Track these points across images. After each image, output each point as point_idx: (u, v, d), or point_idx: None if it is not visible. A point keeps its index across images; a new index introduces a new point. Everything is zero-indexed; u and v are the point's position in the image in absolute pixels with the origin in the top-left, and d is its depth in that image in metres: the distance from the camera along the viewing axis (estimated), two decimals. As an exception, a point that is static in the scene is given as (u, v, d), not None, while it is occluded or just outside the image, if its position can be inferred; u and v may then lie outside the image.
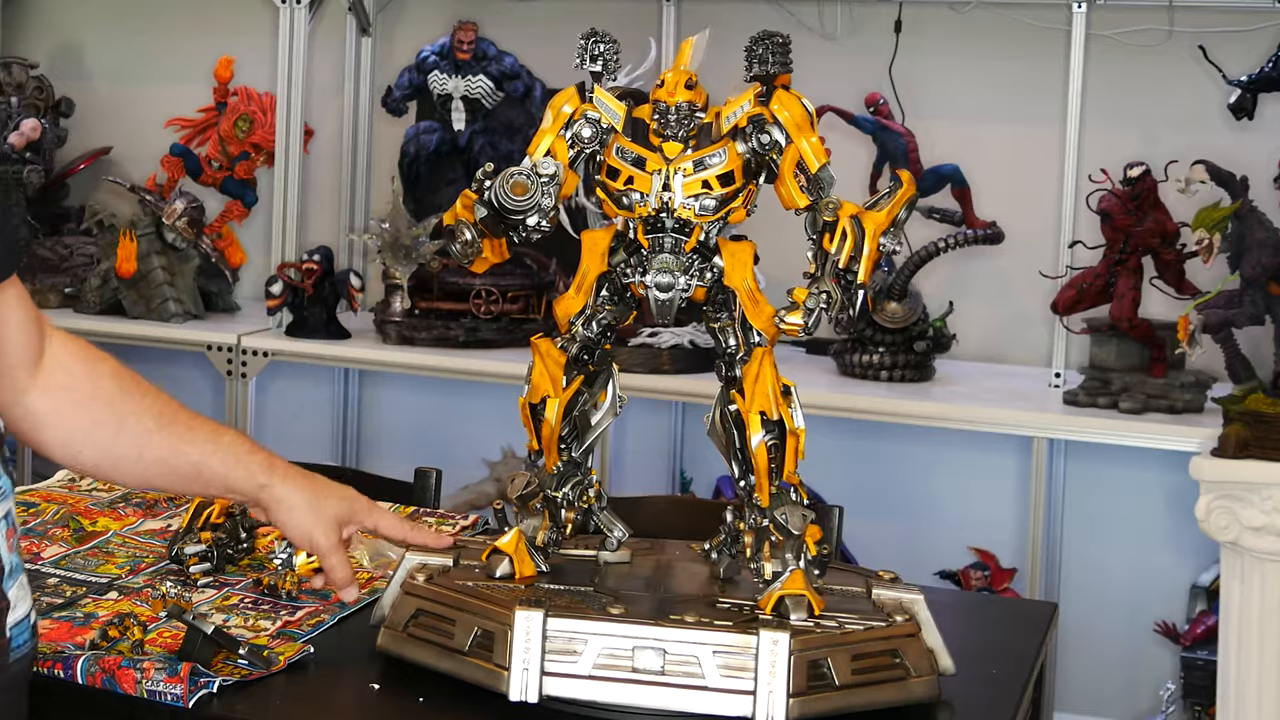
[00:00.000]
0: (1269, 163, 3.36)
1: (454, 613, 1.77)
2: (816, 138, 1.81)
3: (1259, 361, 3.23)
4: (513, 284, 3.79)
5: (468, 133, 3.86)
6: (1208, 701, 3.25)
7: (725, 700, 1.66)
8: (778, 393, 1.76)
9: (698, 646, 1.67)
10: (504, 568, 1.83)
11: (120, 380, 1.75)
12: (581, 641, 1.69)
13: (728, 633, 1.68)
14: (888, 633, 1.74)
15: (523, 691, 1.68)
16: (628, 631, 1.69)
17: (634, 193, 1.81)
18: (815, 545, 1.78)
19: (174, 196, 4.03)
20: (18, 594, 1.52)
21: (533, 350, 1.85)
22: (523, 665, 1.68)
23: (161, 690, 1.70)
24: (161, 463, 1.77)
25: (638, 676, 1.68)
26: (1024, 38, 3.71)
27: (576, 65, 1.89)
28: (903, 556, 3.61)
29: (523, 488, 1.87)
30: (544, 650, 1.68)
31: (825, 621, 1.72)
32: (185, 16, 4.46)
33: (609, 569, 1.91)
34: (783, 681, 1.65)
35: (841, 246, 1.75)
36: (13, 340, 1.62)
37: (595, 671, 1.68)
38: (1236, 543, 2.94)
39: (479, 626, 1.73)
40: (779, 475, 1.77)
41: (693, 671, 1.67)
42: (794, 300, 1.75)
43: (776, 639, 1.65)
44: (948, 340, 3.61)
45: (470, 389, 3.96)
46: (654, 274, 1.82)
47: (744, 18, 3.72)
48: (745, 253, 1.82)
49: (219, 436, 1.83)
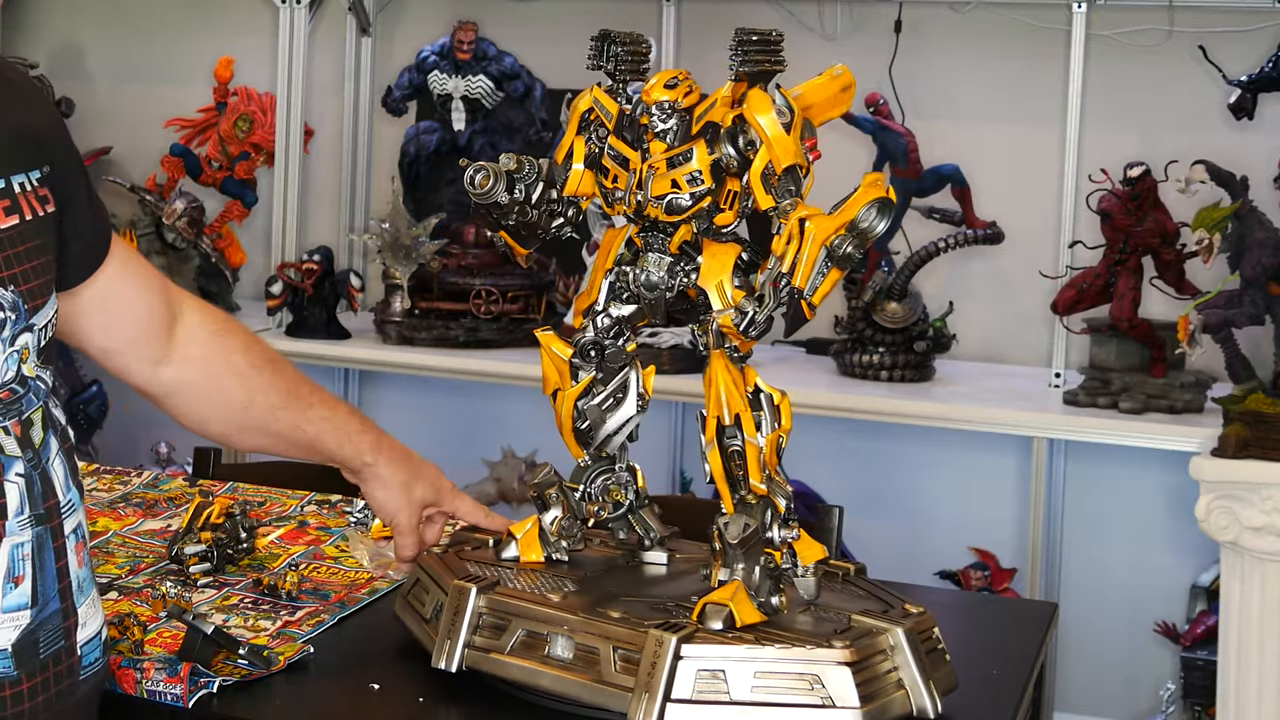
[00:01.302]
0: (1269, 163, 3.36)
1: (430, 583, 1.85)
2: (794, 136, 1.77)
3: (1259, 361, 3.23)
4: (513, 284, 3.79)
5: (468, 133, 3.86)
6: (1208, 701, 3.25)
7: (616, 696, 1.65)
8: (735, 397, 1.74)
9: (601, 640, 1.67)
10: (510, 550, 1.89)
11: (251, 355, 1.87)
12: (506, 621, 1.73)
13: (629, 629, 1.66)
14: (808, 655, 1.64)
15: (443, 660, 1.73)
16: (548, 616, 1.71)
17: (618, 191, 1.82)
18: (781, 557, 1.73)
19: (174, 196, 4.03)
20: (88, 610, 1.51)
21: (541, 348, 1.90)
22: (447, 635, 1.74)
23: (161, 690, 1.70)
24: (281, 437, 1.90)
25: (549, 662, 1.70)
26: (1024, 38, 3.71)
27: (589, 65, 1.90)
28: (903, 556, 3.61)
29: (539, 476, 1.92)
30: (474, 626, 1.73)
31: (745, 634, 1.66)
32: (185, 16, 4.46)
33: (640, 568, 1.91)
34: (661, 683, 1.61)
35: (786, 250, 1.69)
36: (134, 314, 1.74)
37: (513, 651, 1.72)
38: (1236, 543, 2.94)
39: (439, 599, 1.80)
40: (745, 485, 1.75)
41: (595, 662, 1.67)
42: (732, 301, 1.73)
43: (661, 639, 1.63)
44: (948, 340, 3.61)
45: (470, 389, 3.96)
46: (640, 272, 1.83)
47: (744, 18, 3.71)
48: (727, 254, 1.77)
49: (335, 414, 1.94)
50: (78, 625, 1.47)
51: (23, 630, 1.40)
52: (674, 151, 1.78)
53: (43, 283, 1.47)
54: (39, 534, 1.42)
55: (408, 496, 1.97)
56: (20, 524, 1.40)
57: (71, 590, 1.46)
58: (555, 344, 1.88)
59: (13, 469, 1.41)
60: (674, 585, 1.87)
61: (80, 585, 1.47)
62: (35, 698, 1.41)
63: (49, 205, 1.50)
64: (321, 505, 2.42)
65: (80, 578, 1.47)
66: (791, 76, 1.79)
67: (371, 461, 1.95)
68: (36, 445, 1.43)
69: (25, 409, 1.43)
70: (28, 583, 1.41)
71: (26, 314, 1.44)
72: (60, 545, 1.44)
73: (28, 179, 1.47)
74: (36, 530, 1.42)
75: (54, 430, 1.47)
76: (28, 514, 1.41)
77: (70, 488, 1.48)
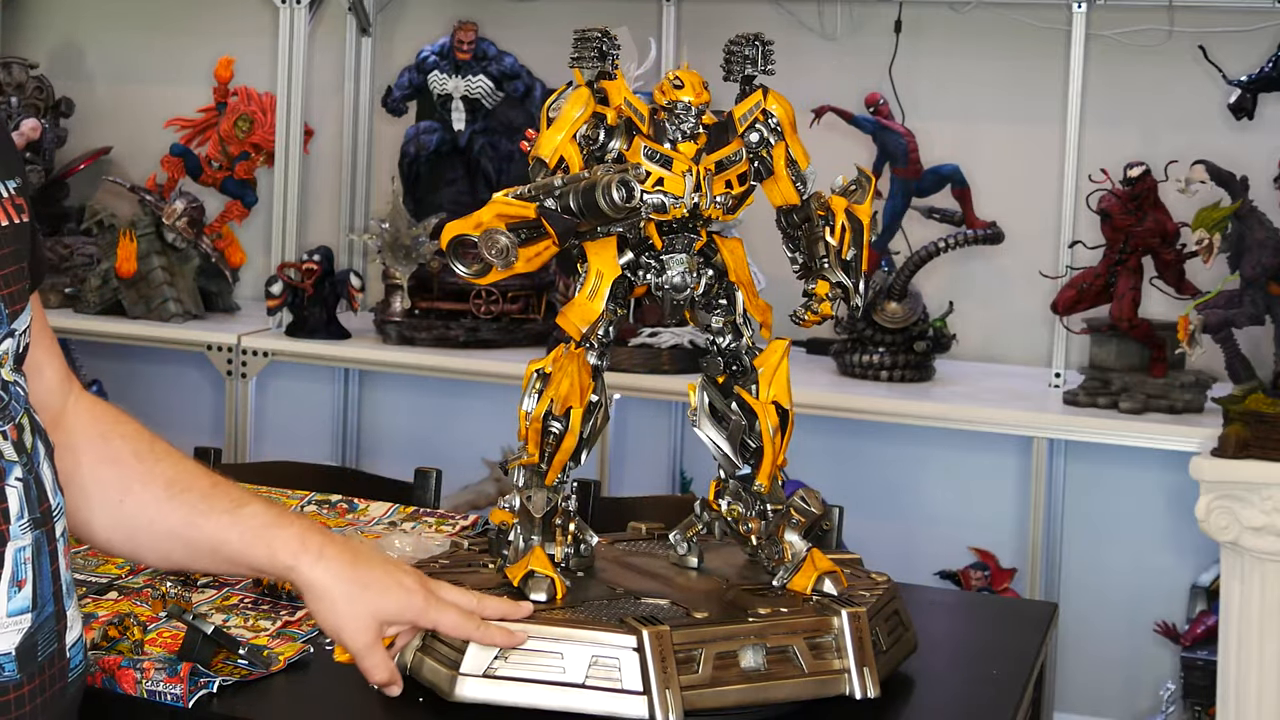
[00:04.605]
0: (1269, 163, 3.36)
1: None
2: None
3: (1259, 361, 3.23)
4: (512, 284, 3.79)
5: (468, 133, 3.85)
6: (1208, 701, 3.25)
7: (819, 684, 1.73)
8: (789, 385, 1.82)
9: (789, 637, 1.74)
10: (541, 591, 1.74)
11: (135, 443, 1.60)
12: (697, 651, 1.71)
13: (810, 616, 1.76)
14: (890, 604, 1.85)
15: (670, 714, 1.65)
16: (730, 633, 1.73)
17: (665, 194, 1.78)
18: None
19: (174, 196, 4.03)
20: (74, 613, 1.50)
21: (564, 361, 1.78)
22: (664, 685, 1.65)
23: (161, 690, 1.70)
24: (174, 536, 1.58)
25: (747, 675, 1.72)
26: (1024, 38, 3.71)
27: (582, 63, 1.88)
28: (902, 556, 3.60)
29: (544, 505, 1.78)
30: (678, 663, 1.67)
31: (853, 594, 1.81)
32: (185, 16, 4.46)
33: (593, 575, 1.88)
34: (870, 651, 1.74)
35: (844, 238, 1.80)
36: (41, 379, 1.54)
37: (712, 679, 1.71)
38: (1236, 543, 2.94)
39: None
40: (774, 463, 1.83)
41: (791, 660, 1.73)
42: (815, 293, 1.82)
43: (857, 614, 1.75)
44: (948, 340, 3.61)
45: (470, 389, 3.95)
46: (672, 274, 1.82)
47: (744, 18, 3.72)
48: (741, 248, 1.86)
49: (240, 507, 1.59)
50: (67, 628, 1.47)
51: (24, 633, 1.40)
52: (723, 152, 1.81)
53: (20, 289, 1.46)
54: (37, 538, 1.42)
55: (352, 608, 1.58)
56: (21, 528, 1.40)
57: (62, 593, 1.46)
58: (587, 363, 1.79)
59: (13, 473, 1.41)
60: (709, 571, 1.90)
61: (68, 588, 1.48)
62: (34, 700, 1.41)
63: (24, 214, 1.49)
64: (322, 505, 2.42)
65: (67, 581, 1.48)
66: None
67: (292, 564, 1.58)
68: (29, 450, 1.43)
69: (14, 414, 1.43)
70: (29, 586, 1.41)
71: (7, 319, 1.44)
72: (54, 549, 1.45)
73: (4, 186, 1.47)
74: (35, 534, 1.42)
75: (40, 435, 1.47)
76: (27, 518, 1.41)
77: (57, 491, 1.48)
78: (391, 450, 4.20)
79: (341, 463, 4.15)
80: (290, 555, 1.58)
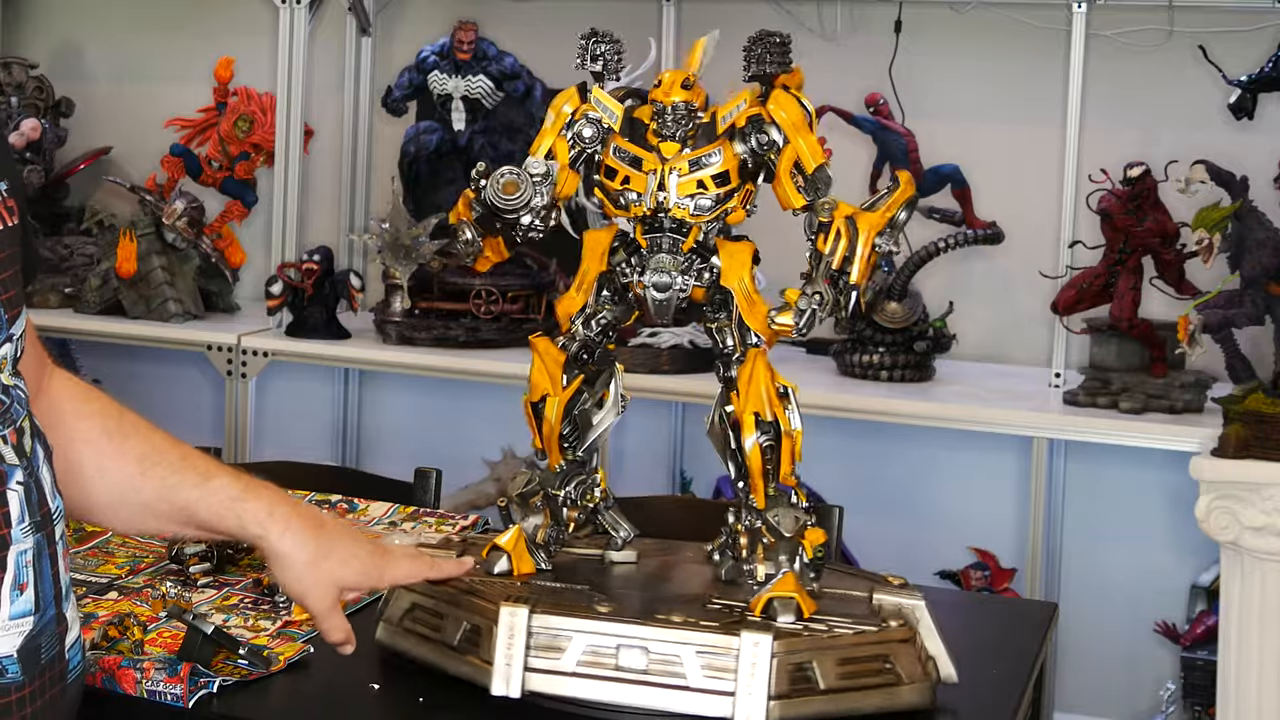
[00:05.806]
0: (1269, 163, 3.36)
1: (445, 607, 1.79)
2: (815, 138, 1.81)
3: (1259, 361, 3.23)
4: (513, 284, 3.79)
5: (468, 133, 3.85)
6: (1208, 701, 3.25)
7: (707, 700, 1.66)
8: (773, 394, 1.77)
9: (681, 646, 1.68)
10: (502, 564, 1.84)
11: (106, 421, 1.65)
12: (566, 638, 1.70)
13: (711, 633, 1.68)
14: (879, 637, 1.72)
15: (505, 686, 1.69)
16: (612, 629, 1.70)
17: (630, 192, 1.81)
18: (813, 549, 1.77)
19: (174, 196, 4.03)
20: (73, 615, 1.51)
21: (532, 349, 1.87)
22: (505, 661, 1.69)
23: (161, 690, 1.70)
24: (148, 508, 1.66)
25: (621, 675, 1.68)
26: (1024, 38, 3.71)
27: (577, 65, 1.89)
28: (903, 556, 3.61)
29: (523, 485, 1.88)
30: (528, 646, 1.69)
31: (815, 625, 1.72)
32: (185, 16, 4.46)
33: (612, 569, 1.91)
34: (764, 683, 1.64)
35: (835, 247, 1.75)
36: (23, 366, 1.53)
37: (579, 669, 1.69)
38: (1236, 543, 2.94)
39: (467, 621, 1.75)
40: (775, 477, 1.77)
41: (676, 671, 1.67)
42: (786, 301, 1.76)
43: (758, 640, 1.65)
44: (948, 340, 3.61)
45: (470, 389, 3.95)
46: (651, 274, 1.82)
47: (744, 17, 3.71)
48: (744, 253, 1.82)
49: (208, 479, 1.67)
50: (67, 629, 1.48)
51: (26, 636, 1.40)
52: (698, 152, 1.79)
53: (17, 293, 1.46)
54: (38, 541, 1.42)
55: (314, 574, 1.68)
56: (23, 531, 1.41)
57: (61, 595, 1.46)
58: (551, 350, 1.86)
59: (13, 477, 1.41)
60: (690, 582, 1.88)
61: (66, 590, 1.48)
62: (35, 701, 1.41)
63: (15, 217, 1.49)
64: (322, 505, 2.41)
65: (66, 583, 1.48)
66: (804, 76, 1.81)
67: (260, 533, 1.67)
68: (29, 453, 1.44)
69: (15, 417, 1.43)
70: (31, 589, 1.41)
71: (6, 323, 1.44)
72: (53, 552, 1.45)
73: None
74: (36, 537, 1.42)
75: (39, 438, 1.47)
76: (28, 521, 1.41)
77: (55, 494, 1.48)
78: (391, 450, 4.20)
79: (341, 463, 4.15)
80: (259, 526, 1.67)
